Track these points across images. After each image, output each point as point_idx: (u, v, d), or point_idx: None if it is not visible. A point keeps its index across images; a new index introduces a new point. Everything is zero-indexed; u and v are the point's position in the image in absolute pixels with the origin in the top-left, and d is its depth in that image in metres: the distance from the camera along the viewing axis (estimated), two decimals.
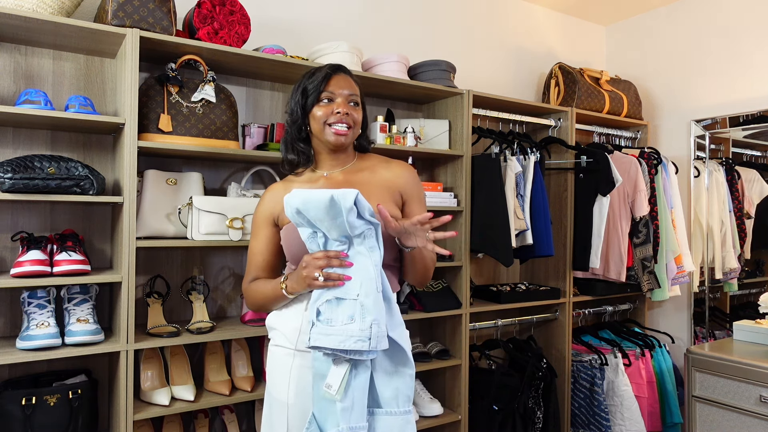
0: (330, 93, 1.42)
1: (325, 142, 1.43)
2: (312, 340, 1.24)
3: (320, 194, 1.22)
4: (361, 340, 1.20)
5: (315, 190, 1.24)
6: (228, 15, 1.96)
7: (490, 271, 2.90)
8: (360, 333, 1.20)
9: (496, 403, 2.39)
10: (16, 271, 1.60)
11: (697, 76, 2.99)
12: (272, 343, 1.45)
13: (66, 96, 1.89)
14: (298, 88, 1.47)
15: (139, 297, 1.99)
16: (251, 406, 2.16)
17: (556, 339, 2.78)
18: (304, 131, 1.46)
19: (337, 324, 1.23)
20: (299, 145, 1.48)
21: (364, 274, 1.25)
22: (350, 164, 1.50)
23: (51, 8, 1.69)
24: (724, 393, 2.19)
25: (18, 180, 1.58)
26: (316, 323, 1.24)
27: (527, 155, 2.55)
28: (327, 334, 1.23)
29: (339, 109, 1.41)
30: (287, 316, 1.40)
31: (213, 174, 2.17)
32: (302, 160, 1.49)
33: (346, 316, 1.23)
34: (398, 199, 1.47)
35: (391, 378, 1.31)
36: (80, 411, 1.70)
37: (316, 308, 1.26)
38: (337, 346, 1.21)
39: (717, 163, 2.95)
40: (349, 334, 1.21)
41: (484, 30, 2.95)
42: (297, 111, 1.45)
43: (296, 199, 1.26)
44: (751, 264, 2.91)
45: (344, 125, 1.41)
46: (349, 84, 1.45)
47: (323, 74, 1.43)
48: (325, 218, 1.24)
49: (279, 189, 1.49)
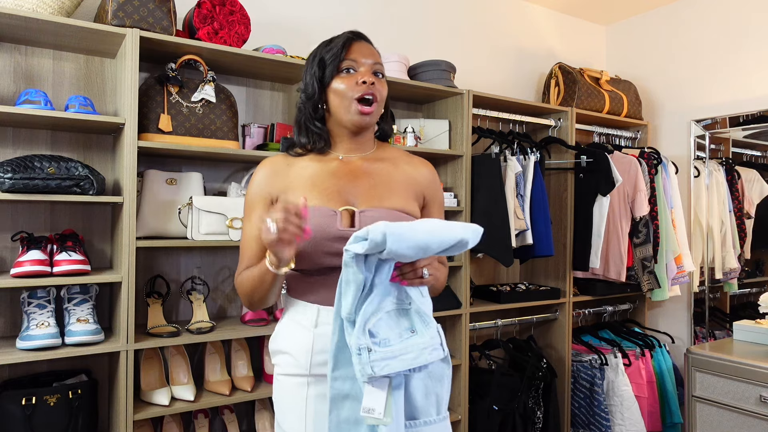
0: (352, 61, 1.22)
1: (347, 122, 1.22)
2: (378, 369, 1.00)
3: (445, 235, 1.01)
4: (435, 349, 1.05)
5: (436, 227, 1.02)
6: (228, 15, 1.96)
7: (490, 271, 2.90)
8: (432, 341, 1.05)
9: (496, 403, 2.39)
10: (16, 271, 1.60)
11: (697, 76, 2.99)
12: (279, 371, 1.23)
13: (66, 96, 1.89)
14: (313, 58, 1.26)
15: (139, 297, 1.99)
16: (251, 406, 2.16)
17: (556, 339, 2.78)
18: (321, 109, 1.25)
19: (395, 342, 1.04)
20: (315, 126, 1.25)
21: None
22: (370, 151, 1.30)
23: (51, 8, 1.69)
24: (724, 393, 2.19)
25: (18, 180, 1.58)
26: (375, 349, 1.01)
27: (527, 155, 2.55)
28: (395, 356, 1.02)
29: (365, 78, 1.19)
30: (296, 336, 1.20)
31: (213, 174, 2.17)
32: (318, 144, 1.26)
33: (405, 330, 1.06)
34: (420, 200, 1.31)
35: (426, 382, 1.13)
36: (80, 411, 1.70)
37: (367, 330, 1.03)
38: (411, 366, 1.03)
39: (717, 163, 2.95)
40: (419, 347, 1.03)
41: (484, 30, 2.95)
42: (313, 85, 1.24)
43: (403, 245, 0.99)
44: (751, 264, 2.90)
45: (370, 97, 1.20)
46: (372, 52, 1.25)
47: (343, 40, 1.23)
48: (417, 255, 1.03)
49: (280, 163, 1.27)
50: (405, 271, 1.07)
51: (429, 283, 1.10)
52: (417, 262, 1.07)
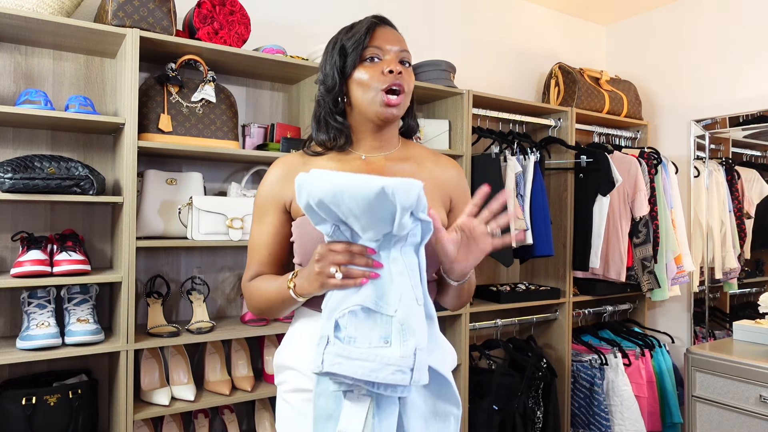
0: (376, 49, 1.10)
1: (372, 114, 1.10)
2: (327, 363, 0.87)
3: (363, 184, 0.87)
4: (401, 371, 0.86)
5: (353, 176, 0.89)
6: (228, 15, 1.96)
7: (490, 271, 2.90)
8: (400, 361, 0.86)
9: (495, 403, 2.39)
10: (16, 271, 1.60)
11: (697, 76, 2.99)
12: (284, 388, 1.11)
13: (66, 96, 1.89)
14: (333, 46, 1.14)
15: (139, 297, 1.99)
16: (251, 406, 2.16)
17: (556, 339, 2.78)
18: (342, 102, 1.13)
19: (363, 345, 0.89)
20: (336, 120, 1.14)
21: (402, 283, 0.92)
22: (395, 149, 1.18)
23: (51, 8, 1.69)
24: (724, 393, 2.19)
25: (18, 180, 1.58)
26: (334, 340, 0.89)
27: (527, 155, 2.55)
28: (350, 358, 0.88)
29: (391, 66, 1.07)
30: (302, 349, 1.07)
31: (213, 174, 2.17)
32: (338, 140, 1.14)
33: (378, 337, 0.89)
34: (447, 203, 1.18)
35: (428, 422, 0.97)
36: (80, 411, 1.70)
37: (333, 320, 0.91)
38: (363, 376, 0.86)
39: (717, 163, 2.95)
40: (383, 362, 0.87)
41: (484, 30, 2.95)
42: (333, 76, 1.12)
43: (318, 186, 0.89)
44: (750, 264, 2.90)
45: (397, 88, 1.09)
46: (399, 39, 1.13)
47: (366, 25, 1.11)
48: (363, 215, 0.90)
49: (296, 164, 1.15)
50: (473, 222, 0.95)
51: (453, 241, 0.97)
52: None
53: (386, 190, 0.86)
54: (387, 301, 0.91)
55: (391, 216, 0.89)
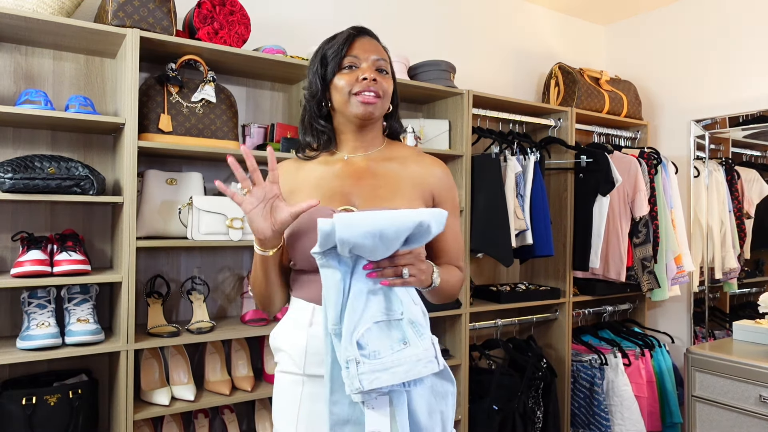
0: (354, 58, 1.20)
1: (350, 116, 1.20)
2: (366, 383, 0.94)
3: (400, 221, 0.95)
4: (431, 362, 0.99)
5: (387, 216, 0.96)
6: (228, 15, 1.96)
7: (490, 271, 2.90)
8: (426, 354, 0.98)
9: (495, 403, 2.39)
10: (16, 271, 1.60)
11: (697, 76, 2.99)
12: (278, 368, 1.24)
13: (66, 96, 1.89)
14: (316, 56, 1.25)
15: (139, 297, 1.99)
16: (251, 406, 2.16)
17: (556, 339, 2.78)
18: (324, 107, 1.24)
19: (386, 354, 0.97)
20: (319, 124, 1.25)
21: (398, 290, 1.03)
22: (377, 149, 1.27)
23: (51, 8, 1.69)
24: (723, 393, 2.19)
25: (18, 180, 1.58)
26: (363, 361, 0.95)
27: (527, 155, 2.55)
28: (386, 369, 0.95)
29: (365, 74, 1.18)
30: (292, 335, 1.19)
31: (213, 174, 2.17)
32: (323, 142, 1.26)
33: (396, 342, 0.99)
34: (429, 201, 1.26)
35: (429, 400, 1.07)
36: (80, 411, 1.70)
37: (354, 342, 0.97)
38: (403, 380, 0.96)
39: (717, 163, 2.95)
40: (413, 360, 0.97)
41: (484, 30, 2.95)
42: (316, 82, 1.23)
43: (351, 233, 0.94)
44: (750, 264, 2.91)
45: (371, 93, 1.18)
46: (376, 48, 1.23)
47: (345, 36, 1.22)
48: (379, 248, 0.98)
49: (289, 168, 1.28)
50: (382, 265, 1.02)
51: (412, 283, 1.05)
52: (396, 258, 1.03)
53: (423, 224, 0.96)
54: (392, 308, 1.02)
55: (403, 240, 0.98)
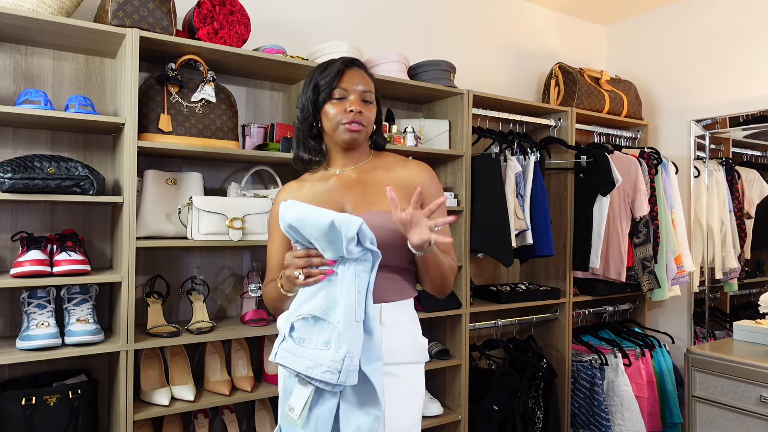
0: (343, 90, 1.36)
1: (338, 141, 1.39)
2: (278, 356, 1.15)
3: (319, 216, 1.14)
4: (330, 372, 1.11)
5: (313, 208, 1.17)
6: (228, 15, 1.96)
7: (490, 271, 2.90)
8: (331, 364, 1.11)
9: (496, 403, 2.39)
10: (16, 271, 1.60)
11: (697, 76, 2.99)
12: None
13: (66, 96, 1.89)
14: (309, 82, 1.41)
15: (139, 297, 1.99)
16: (251, 406, 2.16)
17: (556, 339, 2.78)
18: (315, 128, 1.42)
19: (309, 345, 1.15)
20: (310, 143, 1.43)
21: (348, 301, 1.15)
22: (365, 162, 1.44)
23: (51, 8, 1.69)
24: (724, 393, 2.19)
25: (18, 180, 1.57)
26: (287, 338, 1.16)
27: (527, 155, 2.55)
28: (295, 354, 1.15)
29: (352, 107, 1.35)
30: None
31: (213, 174, 2.16)
32: (315, 158, 1.44)
33: (321, 341, 1.14)
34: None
35: (355, 413, 1.19)
36: (80, 411, 1.70)
37: (290, 322, 1.18)
38: (302, 371, 1.13)
39: (717, 163, 2.95)
40: (319, 361, 1.12)
41: (484, 30, 2.95)
42: (308, 107, 1.40)
43: (290, 214, 1.18)
44: (751, 264, 2.90)
45: (356, 124, 1.35)
46: (364, 79, 1.39)
47: (336, 69, 1.37)
48: (321, 239, 1.16)
49: (292, 189, 1.45)
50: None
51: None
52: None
53: (335, 223, 1.11)
54: (334, 312, 1.15)
55: (341, 242, 1.12)
